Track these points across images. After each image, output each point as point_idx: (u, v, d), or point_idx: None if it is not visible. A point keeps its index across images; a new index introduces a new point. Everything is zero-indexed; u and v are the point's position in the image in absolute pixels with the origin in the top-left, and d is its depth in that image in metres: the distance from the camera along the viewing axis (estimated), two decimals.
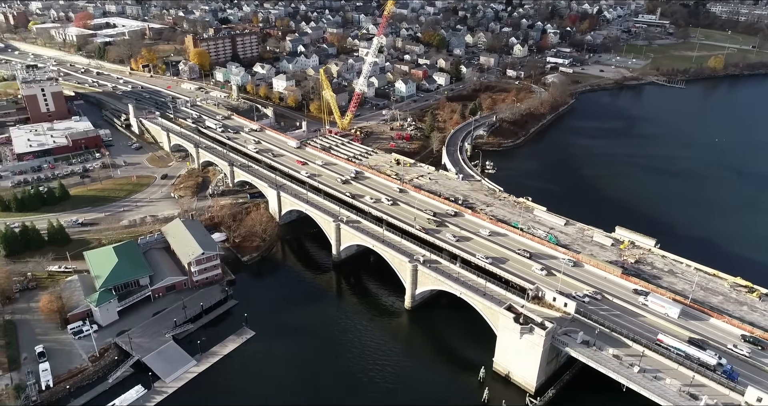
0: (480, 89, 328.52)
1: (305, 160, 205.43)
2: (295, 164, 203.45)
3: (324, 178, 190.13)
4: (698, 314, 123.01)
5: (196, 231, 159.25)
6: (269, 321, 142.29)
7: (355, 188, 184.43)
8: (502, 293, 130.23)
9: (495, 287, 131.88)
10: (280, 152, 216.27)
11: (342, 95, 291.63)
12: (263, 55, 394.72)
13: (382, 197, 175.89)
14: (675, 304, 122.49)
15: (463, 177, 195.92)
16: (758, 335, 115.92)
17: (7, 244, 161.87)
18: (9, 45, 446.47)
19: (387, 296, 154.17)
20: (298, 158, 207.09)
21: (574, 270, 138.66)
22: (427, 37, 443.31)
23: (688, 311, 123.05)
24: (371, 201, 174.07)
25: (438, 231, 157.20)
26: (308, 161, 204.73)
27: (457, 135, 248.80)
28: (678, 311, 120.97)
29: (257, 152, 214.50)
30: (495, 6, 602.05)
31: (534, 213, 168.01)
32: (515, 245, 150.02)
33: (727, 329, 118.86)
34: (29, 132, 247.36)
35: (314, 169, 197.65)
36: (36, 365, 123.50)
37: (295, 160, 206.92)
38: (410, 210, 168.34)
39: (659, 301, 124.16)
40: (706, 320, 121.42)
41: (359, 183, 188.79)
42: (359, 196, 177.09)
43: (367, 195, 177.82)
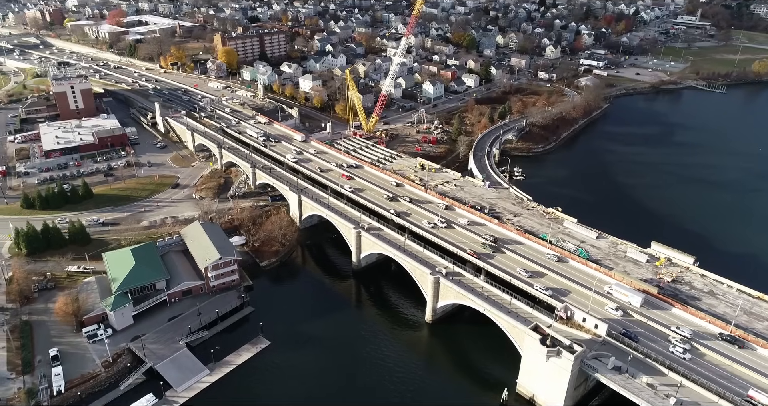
0: (510, 92, 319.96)
1: (351, 174, 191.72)
2: (340, 177, 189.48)
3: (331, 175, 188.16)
4: (661, 303, 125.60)
5: (215, 235, 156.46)
6: (285, 330, 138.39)
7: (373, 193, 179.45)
8: (529, 310, 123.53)
9: (521, 304, 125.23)
10: (325, 166, 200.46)
11: (368, 96, 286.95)
12: (291, 55, 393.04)
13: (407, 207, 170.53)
14: (637, 293, 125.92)
15: (490, 184, 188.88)
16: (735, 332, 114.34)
17: (29, 242, 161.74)
18: (44, 41, 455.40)
19: (407, 308, 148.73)
20: (343, 172, 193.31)
21: (604, 287, 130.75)
22: (457, 37, 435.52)
23: (651, 301, 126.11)
24: (383, 204, 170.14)
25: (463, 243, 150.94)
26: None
27: (484, 139, 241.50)
28: (640, 300, 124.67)
29: (296, 162, 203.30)
30: (527, 6, 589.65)
31: (564, 225, 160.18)
32: (542, 259, 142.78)
33: (690, 319, 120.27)
34: (58, 129, 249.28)
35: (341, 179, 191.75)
36: (49, 369, 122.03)
37: (340, 174, 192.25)
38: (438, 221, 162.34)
39: (623, 289, 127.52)
40: (668, 310, 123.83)
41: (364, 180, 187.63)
42: (382, 206, 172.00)
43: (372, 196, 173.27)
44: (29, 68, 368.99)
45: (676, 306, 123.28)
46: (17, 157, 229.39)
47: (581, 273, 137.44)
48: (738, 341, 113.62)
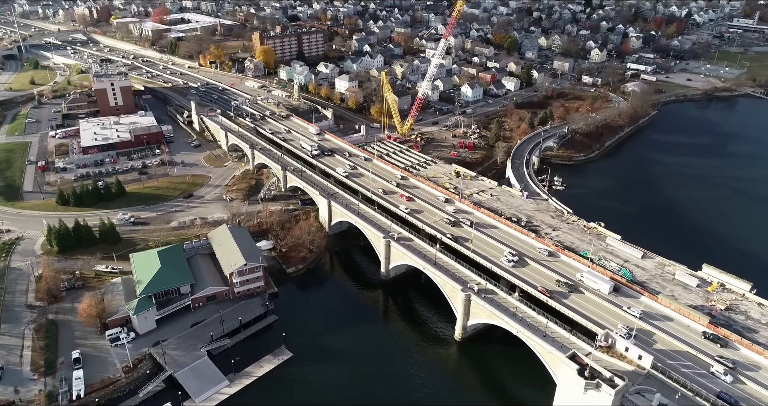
0: (552, 96, 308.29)
1: (411, 195, 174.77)
2: (398, 198, 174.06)
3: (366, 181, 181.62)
4: (630, 292, 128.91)
5: (242, 239, 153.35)
6: (309, 342, 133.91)
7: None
8: (566, 335, 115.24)
9: (557, 328, 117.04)
10: (382, 183, 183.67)
11: (404, 98, 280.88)
12: (328, 54, 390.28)
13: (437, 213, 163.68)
14: (606, 280, 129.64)
15: (528, 195, 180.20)
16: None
17: (60, 240, 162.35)
18: (91, 38, 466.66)
19: (436, 323, 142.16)
20: (402, 192, 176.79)
21: (648, 312, 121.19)
22: (498, 38, 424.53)
23: (620, 287, 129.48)
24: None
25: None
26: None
27: (524, 146, 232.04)
28: (609, 287, 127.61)
29: (347, 177, 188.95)
30: (572, 7, 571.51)
31: (606, 241, 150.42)
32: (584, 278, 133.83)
33: (657, 307, 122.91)
34: (96, 125, 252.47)
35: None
36: (70, 372, 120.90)
37: (399, 195, 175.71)
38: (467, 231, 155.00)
39: (593, 277, 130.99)
40: (637, 298, 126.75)
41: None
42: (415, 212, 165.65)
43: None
44: (75, 64, 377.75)
45: (645, 294, 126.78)
46: (57, 152, 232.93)
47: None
48: (721, 340, 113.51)
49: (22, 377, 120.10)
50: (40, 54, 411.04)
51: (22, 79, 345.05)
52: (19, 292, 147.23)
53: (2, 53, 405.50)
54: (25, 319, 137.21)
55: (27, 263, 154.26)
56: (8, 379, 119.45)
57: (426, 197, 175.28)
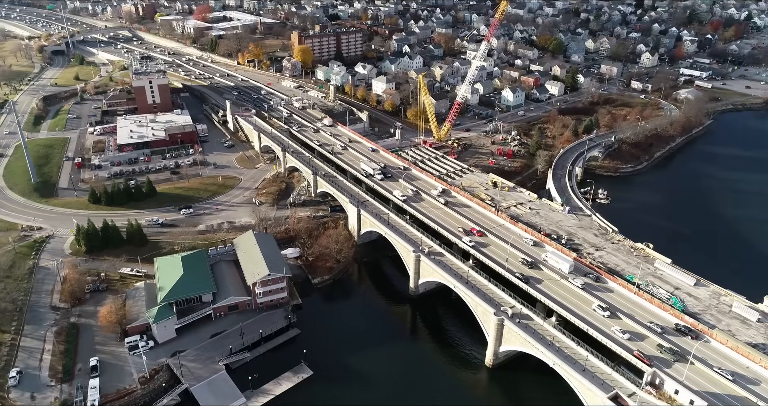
0: (598, 102, 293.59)
1: (482, 229, 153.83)
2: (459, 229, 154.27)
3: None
4: (589, 270, 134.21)
5: (267, 247, 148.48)
6: (331, 360, 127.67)
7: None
8: (608, 371, 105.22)
9: (598, 363, 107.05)
10: (441, 209, 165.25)
11: (442, 102, 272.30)
12: (367, 54, 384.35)
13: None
14: (567, 259, 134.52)
15: (570, 209, 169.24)
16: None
17: (88, 240, 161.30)
18: (136, 35, 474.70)
19: (466, 347, 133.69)
20: (473, 226, 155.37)
21: (703, 350, 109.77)
22: (543, 40, 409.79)
23: (579, 267, 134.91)
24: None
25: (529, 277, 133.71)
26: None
27: (566, 156, 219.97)
28: (569, 266, 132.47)
29: (404, 201, 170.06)
30: (623, 8, 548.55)
31: (655, 265, 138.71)
32: (630, 307, 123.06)
33: (619, 290, 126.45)
34: (133, 123, 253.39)
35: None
36: (87, 380, 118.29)
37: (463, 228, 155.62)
38: (505, 246, 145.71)
39: (555, 256, 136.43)
40: (603, 281, 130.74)
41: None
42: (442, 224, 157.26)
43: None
44: (118, 61, 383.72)
45: (602, 274, 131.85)
46: (94, 149, 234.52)
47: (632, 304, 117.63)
48: (692, 332, 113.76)
49: (39, 383, 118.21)
50: (87, 50, 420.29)
51: (68, 75, 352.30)
52: (45, 292, 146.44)
53: (51, 49, 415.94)
54: (48, 321, 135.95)
55: (54, 263, 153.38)
56: (26, 384, 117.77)
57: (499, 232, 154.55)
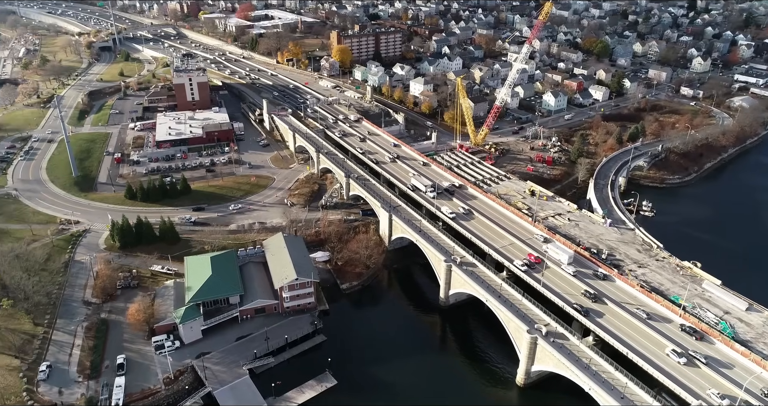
0: (645, 109, 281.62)
1: (539, 255, 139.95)
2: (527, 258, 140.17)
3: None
4: (588, 262, 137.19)
5: (296, 251, 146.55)
6: (356, 369, 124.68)
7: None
8: (648, 400, 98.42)
9: (638, 390, 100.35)
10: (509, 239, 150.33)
11: (481, 105, 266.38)
12: (405, 55, 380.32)
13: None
14: (567, 250, 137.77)
15: (612, 222, 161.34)
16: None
17: (122, 236, 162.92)
18: (179, 32, 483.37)
19: (497, 362, 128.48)
20: (530, 252, 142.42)
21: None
22: (588, 43, 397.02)
23: (579, 259, 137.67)
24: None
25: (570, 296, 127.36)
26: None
27: (609, 165, 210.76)
28: (567, 257, 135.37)
29: (453, 219, 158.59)
30: (674, 10, 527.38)
31: (703, 286, 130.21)
32: (673, 332, 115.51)
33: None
34: (172, 120, 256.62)
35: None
36: (113, 378, 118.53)
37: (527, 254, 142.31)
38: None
39: (556, 248, 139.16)
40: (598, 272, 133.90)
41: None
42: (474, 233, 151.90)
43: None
44: (161, 57, 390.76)
45: (601, 267, 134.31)
46: (133, 145, 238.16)
47: (724, 356, 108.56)
48: (697, 332, 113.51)
49: (67, 378, 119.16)
50: (132, 47, 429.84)
51: (113, 71, 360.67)
52: (78, 286, 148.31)
53: (99, 45, 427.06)
54: (80, 316, 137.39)
55: (88, 257, 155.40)
56: (55, 378, 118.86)
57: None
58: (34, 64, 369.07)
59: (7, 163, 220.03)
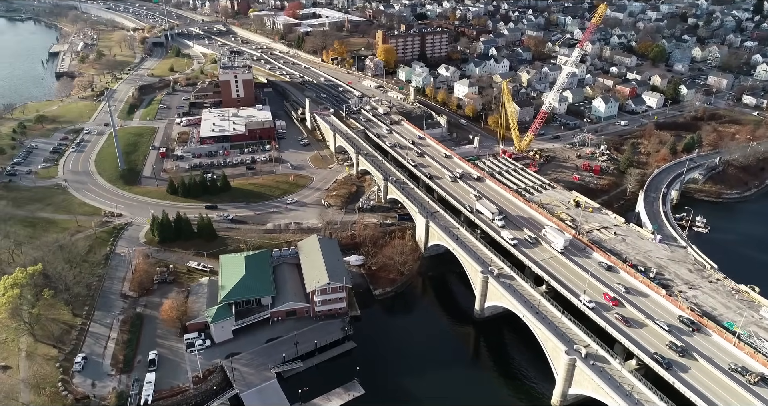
0: (702, 118, 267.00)
1: (618, 297, 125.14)
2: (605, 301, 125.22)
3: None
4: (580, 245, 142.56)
5: (330, 254, 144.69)
6: (385, 380, 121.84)
7: None
8: None
9: None
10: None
11: (527, 109, 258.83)
12: (451, 56, 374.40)
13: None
14: (562, 234, 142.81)
15: (662, 239, 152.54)
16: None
17: (162, 231, 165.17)
18: (229, 29, 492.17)
19: (531, 381, 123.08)
20: (606, 291, 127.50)
21: None
22: (643, 47, 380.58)
23: (574, 242, 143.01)
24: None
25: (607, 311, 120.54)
26: None
27: (662, 176, 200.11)
28: (563, 241, 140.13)
29: (515, 245, 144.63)
30: (738, 14, 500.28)
31: (761, 313, 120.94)
32: (727, 360, 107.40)
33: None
34: (216, 116, 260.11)
35: None
36: (144, 373, 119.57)
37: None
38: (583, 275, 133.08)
39: (553, 231, 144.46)
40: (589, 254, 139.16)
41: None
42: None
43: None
44: (210, 54, 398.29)
45: (595, 250, 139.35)
46: (178, 140, 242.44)
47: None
48: (695, 324, 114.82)
49: (101, 371, 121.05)
50: (183, 43, 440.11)
51: (164, 66, 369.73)
52: (117, 279, 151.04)
53: (152, 41, 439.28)
54: (117, 309, 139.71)
55: (128, 251, 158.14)
56: (89, 370, 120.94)
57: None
58: (90, 58, 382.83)
59: (59, 154, 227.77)
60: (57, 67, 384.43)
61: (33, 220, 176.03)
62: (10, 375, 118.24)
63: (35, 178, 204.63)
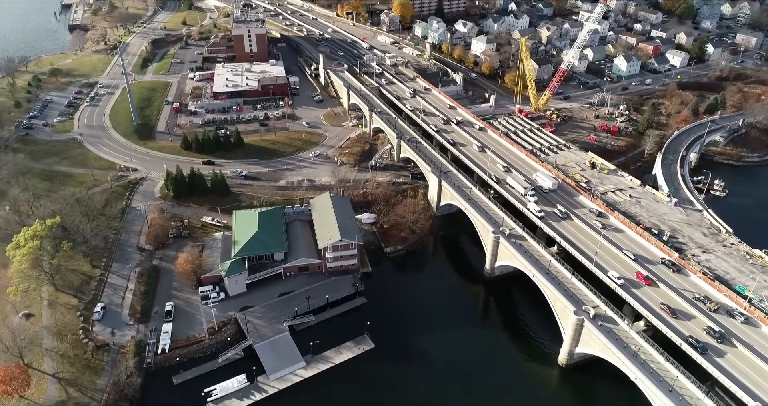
0: (728, 78, 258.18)
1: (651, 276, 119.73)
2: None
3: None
4: (569, 188, 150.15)
5: (342, 212, 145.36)
6: (394, 334, 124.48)
7: None
8: (699, 396, 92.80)
9: (689, 384, 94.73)
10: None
11: (545, 67, 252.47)
12: (469, 11, 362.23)
13: None
14: (551, 177, 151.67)
15: (678, 202, 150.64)
16: None
17: (176, 186, 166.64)
18: None
19: (539, 340, 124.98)
20: (639, 270, 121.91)
21: None
22: (670, 3, 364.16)
23: (562, 185, 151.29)
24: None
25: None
26: None
27: (681, 138, 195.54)
28: (551, 184, 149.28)
29: (541, 218, 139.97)
30: None
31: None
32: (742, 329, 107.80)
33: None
34: (229, 71, 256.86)
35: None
36: (161, 323, 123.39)
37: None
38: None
39: (543, 175, 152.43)
40: (576, 196, 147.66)
41: None
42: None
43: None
44: (223, 7, 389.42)
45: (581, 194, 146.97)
46: (191, 95, 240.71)
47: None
48: (675, 265, 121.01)
49: (119, 321, 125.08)
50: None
51: (176, 20, 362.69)
52: (134, 233, 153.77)
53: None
54: (134, 261, 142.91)
55: (143, 205, 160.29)
56: (108, 319, 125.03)
57: None
58: (103, 11, 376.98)
59: (74, 108, 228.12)
60: (70, 20, 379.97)
61: (50, 173, 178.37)
62: (33, 322, 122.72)
63: (51, 132, 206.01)
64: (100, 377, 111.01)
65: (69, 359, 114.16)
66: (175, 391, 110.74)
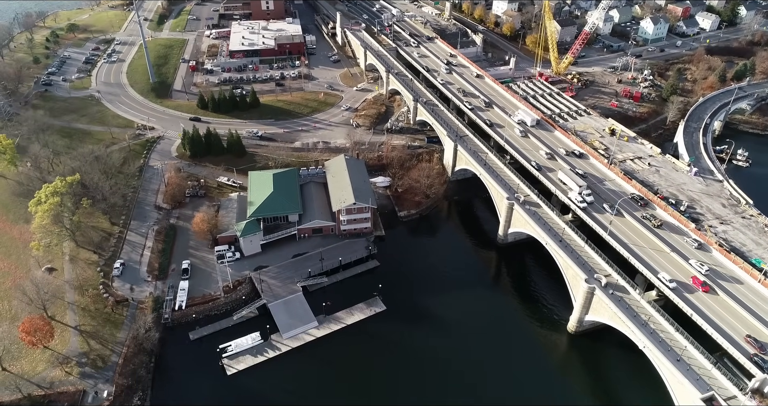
0: (759, 43, 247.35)
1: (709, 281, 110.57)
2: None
3: None
4: (546, 125, 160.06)
5: (357, 175, 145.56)
6: (405, 297, 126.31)
7: None
8: (707, 366, 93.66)
9: (698, 355, 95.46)
10: None
11: (568, 29, 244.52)
12: None
13: None
14: (532, 114, 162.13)
15: (698, 171, 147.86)
16: None
17: (192, 145, 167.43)
18: None
19: (549, 306, 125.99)
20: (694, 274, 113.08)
21: None
22: None
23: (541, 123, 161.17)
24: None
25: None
26: None
27: (706, 105, 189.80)
28: (531, 120, 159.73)
29: (584, 209, 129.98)
30: None
31: None
32: (752, 300, 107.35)
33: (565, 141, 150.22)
34: (246, 29, 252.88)
35: None
36: (178, 281, 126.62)
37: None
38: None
39: (523, 113, 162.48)
40: (552, 132, 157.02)
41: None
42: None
43: None
44: None
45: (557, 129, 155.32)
46: (207, 53, 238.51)
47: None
48: (643, 199, 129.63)
49: (138, 277, 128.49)
50: None
51: None
52: (151, 191, 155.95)
53: None
54: (151, 219, 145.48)
55: (160, 164, 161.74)
56: (127, 276, 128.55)
57: None
58: None
59: (91, 64, 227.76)
60: None
61: (69, 130, 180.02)
62: (55, 276, 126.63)
63: (69, 89, 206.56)
64: (120, 331, 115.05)
65: (90, 313, 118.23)
66: (192, 346, 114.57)
